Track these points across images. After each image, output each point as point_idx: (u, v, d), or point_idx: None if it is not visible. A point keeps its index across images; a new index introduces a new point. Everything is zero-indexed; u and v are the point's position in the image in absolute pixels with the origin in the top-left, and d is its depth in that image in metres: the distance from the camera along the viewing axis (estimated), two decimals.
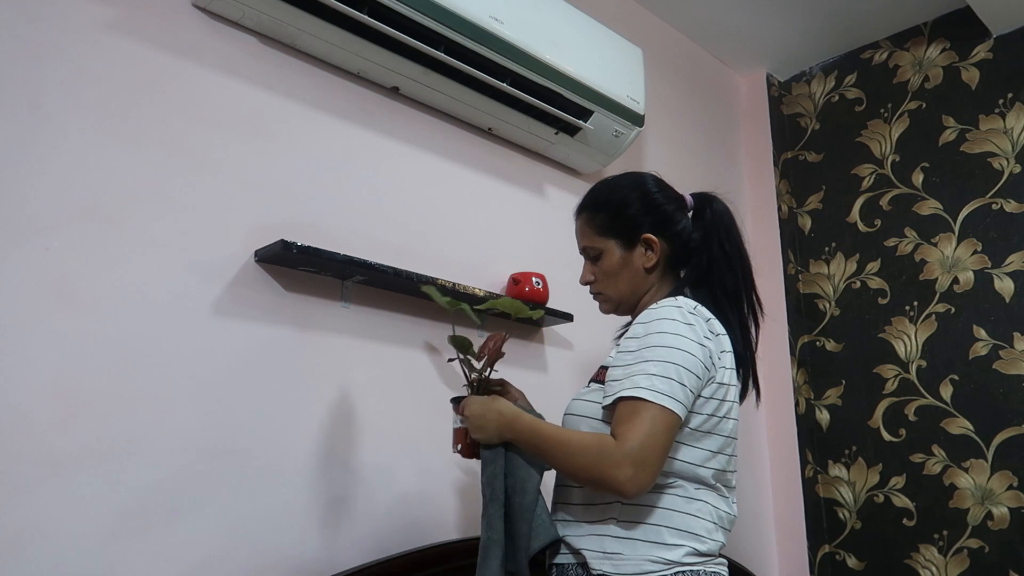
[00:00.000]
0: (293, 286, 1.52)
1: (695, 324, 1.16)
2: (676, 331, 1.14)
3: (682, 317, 1.16)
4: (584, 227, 1.34)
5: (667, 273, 1.32)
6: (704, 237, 1.30)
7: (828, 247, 2.76)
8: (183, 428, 1.33)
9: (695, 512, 1.16)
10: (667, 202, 1.31)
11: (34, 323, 1.20)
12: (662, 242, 1.29)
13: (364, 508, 1.53)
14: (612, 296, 1.32)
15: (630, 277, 1.30)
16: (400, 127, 1.78)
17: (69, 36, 1.32)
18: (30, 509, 1.15)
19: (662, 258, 1.29)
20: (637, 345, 1.15)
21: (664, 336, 1.13)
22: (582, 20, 1.99)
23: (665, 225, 1.30)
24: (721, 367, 1.19)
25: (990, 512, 2.28)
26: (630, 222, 1.29)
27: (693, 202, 1.34)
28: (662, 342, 1.13)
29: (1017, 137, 2.42)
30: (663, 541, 1.13)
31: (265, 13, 1.50)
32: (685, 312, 1.17)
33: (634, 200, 1.30)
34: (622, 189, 1.33)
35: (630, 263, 1.29)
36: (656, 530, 1.13)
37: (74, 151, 1.29)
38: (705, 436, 1.17)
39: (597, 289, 1.34)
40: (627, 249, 1.30)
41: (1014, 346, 2.32)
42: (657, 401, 1.08)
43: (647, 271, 1.30)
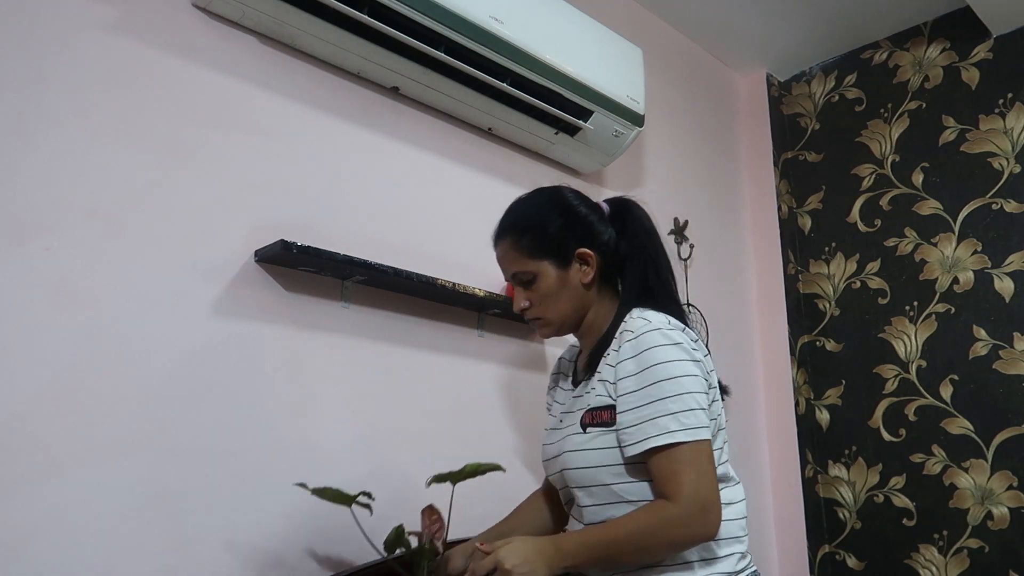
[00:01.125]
0: (293, 286, 1.52)
1: (682, 341, 1.14)
2: (672, 357, 1.12)
3: (667, 339, 1.13)
4: (509, 252, 1.27)
5: (603, 285, 1.28)
6: (631, 244, 1.27)
7: (828, 247, 2.76)
8: (183, 428, 1.33)
9: (730, 516, 1.17)
10: (590, 213, 1.28)
11: (34, 323, 1.20)
12: (596, 255, 1.25)
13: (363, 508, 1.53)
14: (553, 319, 1.26)
15: (570, 296, 1.25)
16: (400, 127, 1.78)
17: (69, 36, 1.32)
18: (29, 509, 1.15)
19: (597, 271, 1.26)
20: (637, 384, 1.12)
21: (664, 368, 1.11)
22: (582, 20, 1.99)
23: (593, 237, 1.26)
24: (712, 372, 1.20)
25: (990, 512, 2.28)
26: (559, 239, 1.24)
27: (610, 209, 1.31)
28: (665, 375, 1.10)
29: (1017, 137, 2.42)
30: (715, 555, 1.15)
31: (265, 13, 1.50)
32: (667, 332, 1.14)
33: (557, 215, 1.25)
34: (542, 206, 1.28)
35: (568, 281, 1.24)
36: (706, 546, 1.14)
37: (74, 151, 1.29)
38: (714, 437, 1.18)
39: (535, 314, 1.27)
40: (562, 267, 1.24)
41: (1014, 346, 2.32)
42: (692, 439, 1.07)
43: (586, 287, 1.25)
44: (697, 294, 2.48)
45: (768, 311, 2.75)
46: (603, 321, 1.27)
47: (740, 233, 2.82)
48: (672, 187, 2.55)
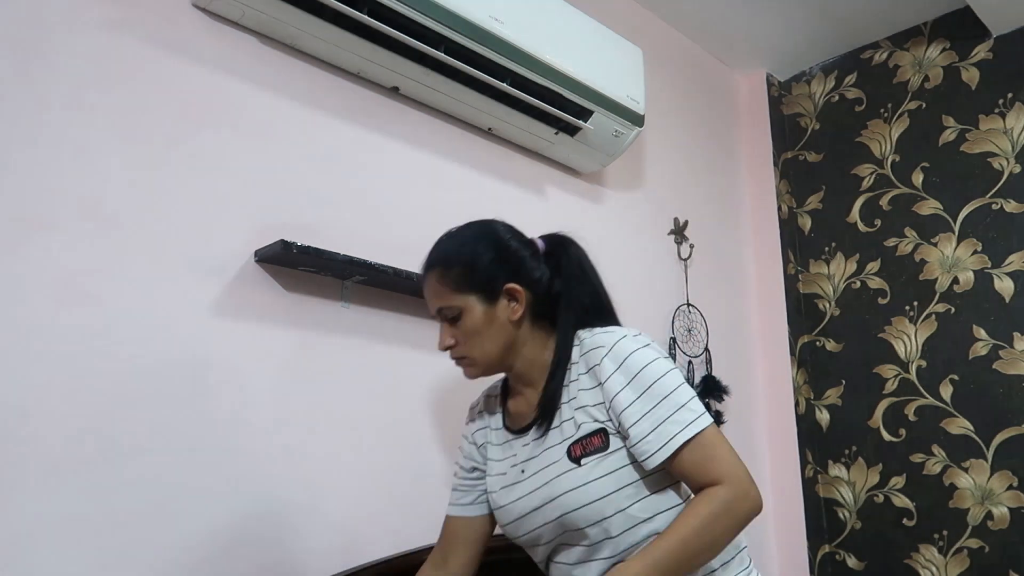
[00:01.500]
0: (293, 286, 1.52)
1: (651, 342, 1.14)
2: (653, 357, 1.11)
3: (639, 344, 1.12)
4: (436, 286, 1.20)
5: (536, 323, 1.21)
6: (566, 282, 1.22)
7: (828, 247, 2.76)
8: (183, 428, 1.33)
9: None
10: (521, 248, 1.22)
11: (34, 322, 1.20)
12: (526, 291, 1.19)
13: (363, 508, 1.53)
14: (479, 358, 1.18)
15: (497, 334, 1.17)
16: (400, 127, 1.78)
17: (70, 36, 1.32)
18: (29, 509, 1.15)
19: (527, 308, 1.19)
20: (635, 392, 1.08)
21: (653, 368, 1.09)
22: (582, 20, 1.99)
23: (524, 272, 1.20)
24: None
25: (990, 512, 2.28)
26: (488, 273, 1.18)
27: (545, 245, 1.26)
28: (659, 373, 1.09)
29: (1017, 137, 2.42)
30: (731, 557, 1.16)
31: (265, 13, 1.50)
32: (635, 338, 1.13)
33: (487, 249, 1.20)
34: (473, 239, 1.22)
35: (495, 319, 1.17)
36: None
37: (74, 151, 1.29)
38: None
39: (460, 353, 1.19)
40: (490, 304, 1.17)
41: (1014, 346, 2.32)
42: (709, 422, 1.08)
43: (515, 324, 1.18)
44: (697, 294, 2.48)
45: (768, 311, 2.75)
46: (540, 358, 1.20)
47: (740, 233, 2.82)
48: (672, 187, 2.55)
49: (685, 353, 2.35)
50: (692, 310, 2.44)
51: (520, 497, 1.17)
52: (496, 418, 1.30)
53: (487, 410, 1.33)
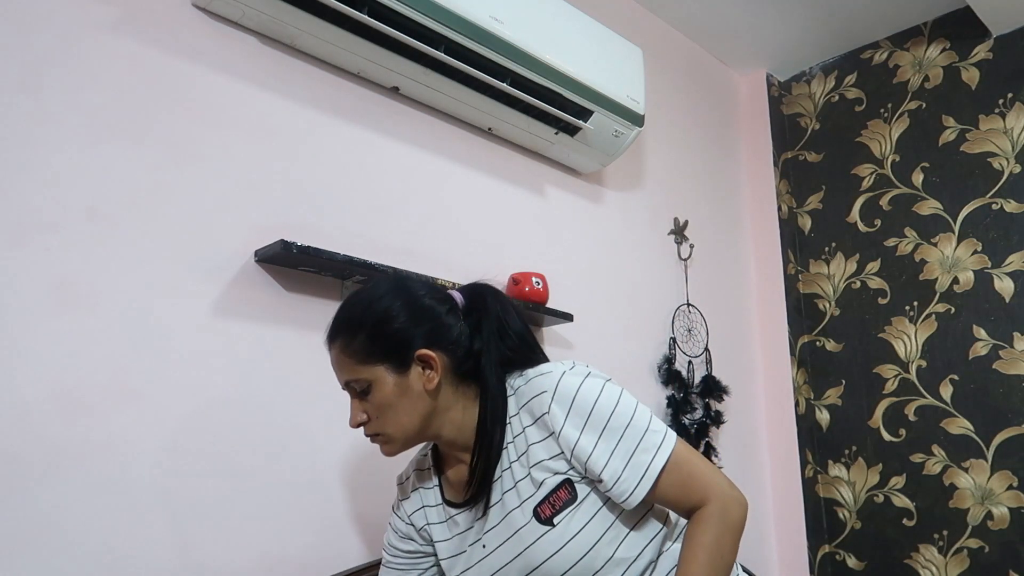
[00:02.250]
0: (293, 286, 1.52)
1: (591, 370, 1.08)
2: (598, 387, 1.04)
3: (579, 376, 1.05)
4: (340, 356, 1.08)
5: (459, 386, 1.10)
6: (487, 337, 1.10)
7: (828, 247, 2.76)
8: (182, 428, 1.33)
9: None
10: (436, 305, 1.10)
11: (34, 323, 1.20)
12: (440, 355, 1.07)
13: (364, 508, 1.53)
14: (395, 433, 1.08)
15: (411, 405, 1.06)
16: (400, 127, 1.78)
17: (69, 36, 1.32)
18: (29, 509, 1.15)
19: (444, 373, 1.08)
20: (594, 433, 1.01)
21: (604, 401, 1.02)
22: (582, 20, 1.99)
23: (440, 334, 1.08)
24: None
25: (990, 512, 2.28)
26: (398, 338, 1.06)
27: (463, 299, 1.14)
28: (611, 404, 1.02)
29: (1017, 137, 2.42)
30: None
31: (265, 13, 1.50)
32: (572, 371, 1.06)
33: (399, 310, 1.07)
34: (382, 299, 1.08)
35: (408, 388, 1.06)
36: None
37: (74, 151, 1.29)
38: None
39: (374, 429, 1.09)
40: (400, 373, 1.06)
41: (1014, 346, 2.32)
42: (674, 439, 1.03)
43: (430, 394, 1.07)
44: (697, 294, 2.48)
45: (768, 311, 2.75)
46: (471, 421, 1.10)
47: (740, 233, 2.82)
48: (672, 187, 2.55)
49: (685, 353, 2.35)
50: (692, 310, 2.44)
51: (492, 574, 1.08)
52: (432, 493, 1.20)
53: (421, 485, 1.22)
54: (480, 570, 1.09)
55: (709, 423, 2.29)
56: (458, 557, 1.14)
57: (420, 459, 1.25)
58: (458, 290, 1.16)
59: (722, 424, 2.35)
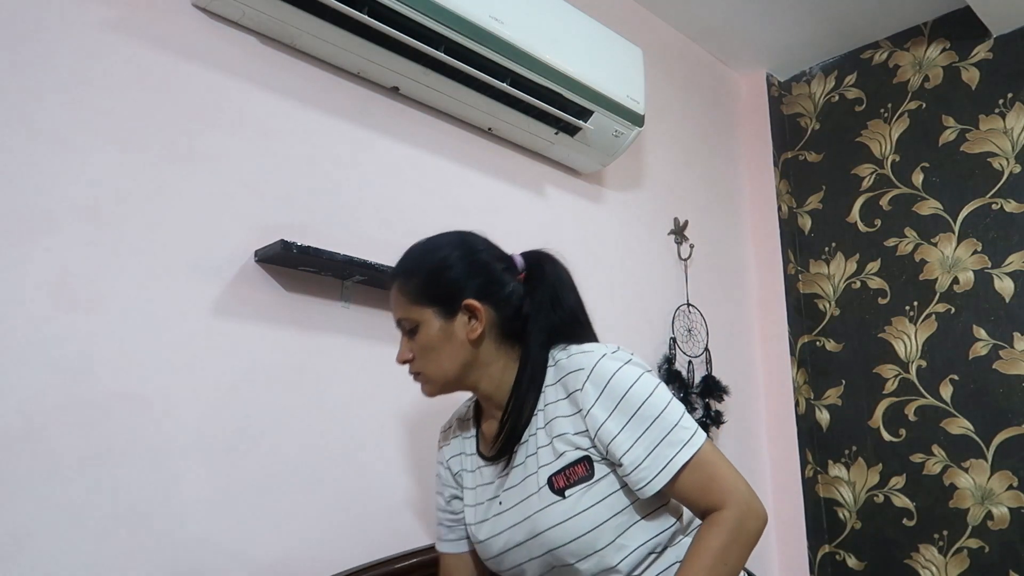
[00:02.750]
0: (293, 286, 1.52)
1: (632, 358, 1.08)
2: (636, 376, 1.04)
3: (620, 361, 1.06)
4: (397, 295, 1.15)
5: (502, 344, 1.14)
6: (538, 301, 1.14)
7: (828, 247, 2.76)
8: (182, 428, 1.33)
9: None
10: (493, 262, 1.15)
11: (34, 323, 1.20)
12: (488, 309, 1.11)
13: (364, 508, 1.53)
14: (433, 376, 1.13)
15: (453, 352, 1.11)
16: (400, 127, 1.78)
17: (69, 36, 1.32)
18: (29, 509, 1.15)
19: (490, 327, 1.12)
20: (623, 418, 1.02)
21: (639, 388, 1.03)
22: (582, 20, 1.99)
23: (491, 289, 1.12)
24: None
25: (990, 512, 2.28)
26: (450, 287, 1.11)
27: (523, 262, 1.18)
28: (645, 393, 1.03)
29: (1017, 137, 2.42)
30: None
31: (265, 13, 1.50)
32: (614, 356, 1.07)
33: (455, 261, 1.13)
34: (441, 249, 1.15)
35: (452, 335, 1.11)
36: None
37: (74, 151, 1.29)
38: None
39: (415, 368, 1.15)
40: (447, 319, 1.11)
41: (1014, 346, 2.32)
42: (703, 439, 1.02)
43: (473, 343, 1.11)
44: (697, 294, 2.48)
45: (768, 311, 2.75)
46: (508, 380, 1.13)
47: (740, 233, 2.82)
48: (672, 187, 2.55)
49: (685, 353, 2.35)
50: (692, 310, 2.44)
51: (501, 531, 1.11)
52: (470, 442, 1.24)
53: (461, 433, 1.27)
54: (493, 525, 1.13)
55: (709, 423, 2.29)
56: (478, 507, 1.18)
57: (463, 409, 1.30)
58: (521, 254, 1.20)
59: (722, 424, 2.35)
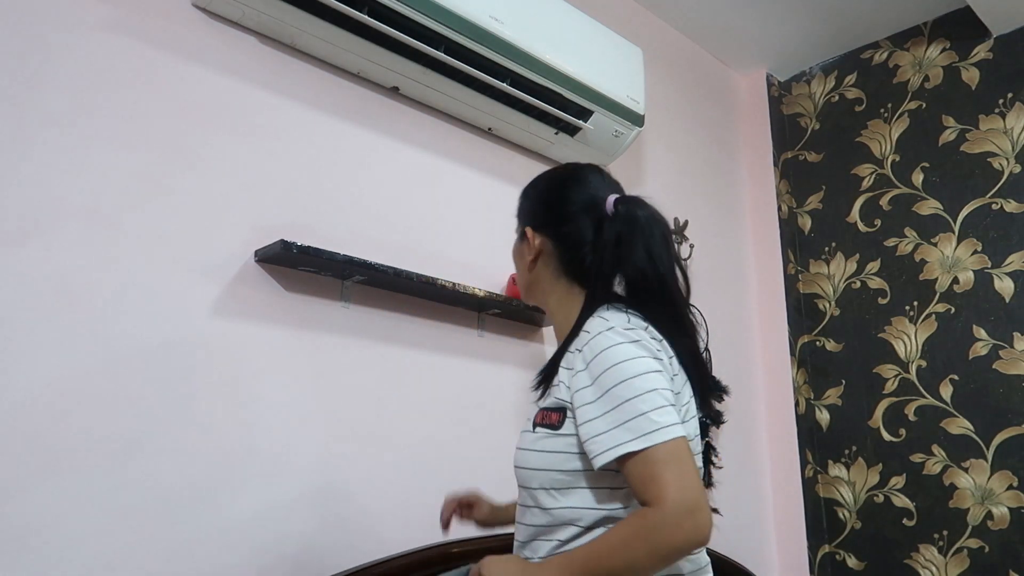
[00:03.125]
0: (293, 286, 1.52)
1: (640, 339, 1.04)
2: (631, 355, 1.02)
3: (624, 337, 1.03)
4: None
5: (561, 278, 1.17)
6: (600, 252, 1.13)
7: (828, 247, 2.76)
8: (182, 428, 1.33)
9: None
10: (571, 202, 1.17)
11: (34, 323, 1.20)
12: (545, 240, 1.17)
13: (364, 508, 1.53)
14: (518, 282, 1.26)
15: (521, 268, 1.23)
16: (400, 127, 1.78)
17: (69, 36, 1.32)
18: (29, 508, 1.15)
19: (549, 258, 1.17)
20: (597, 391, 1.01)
21: (625, 367, 1.01)
22: (582, 20, 1.99)
23: (552, 223, 1.17)
24: (675, 375, 1.09)
25: (990, 512, 2.28)
26: (522, 212, 1.25)
27: (615, 210, 1.14)
28: (629, 373, 1.01)
29: (1017, 137, 2.42)
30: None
31: (265, 13, 1.50)
32: (622, 331, 1.04)
33: (540, 191, 1.23)
34: (546, 179, 1.25)
35: (522, 253, 1.22)
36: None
37: (74, 151, 1.29)
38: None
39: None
40: (521, 238, 1.23)
41: (1014, 346, 2.32)
42: (667, 437, 0.96)
43: (529, 266, 1.20)
44: (697, 294, 2.47)
45: (768, 311, 2.75)
46: (567, 319, 1.16)
47: (740, 233, 2.82)
48: (672, 187, 2.55)
49: None
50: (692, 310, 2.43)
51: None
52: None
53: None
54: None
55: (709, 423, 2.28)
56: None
57: None
58: (616, 199, 1.15)
59: (722, 424, 2.34)
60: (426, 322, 1.72)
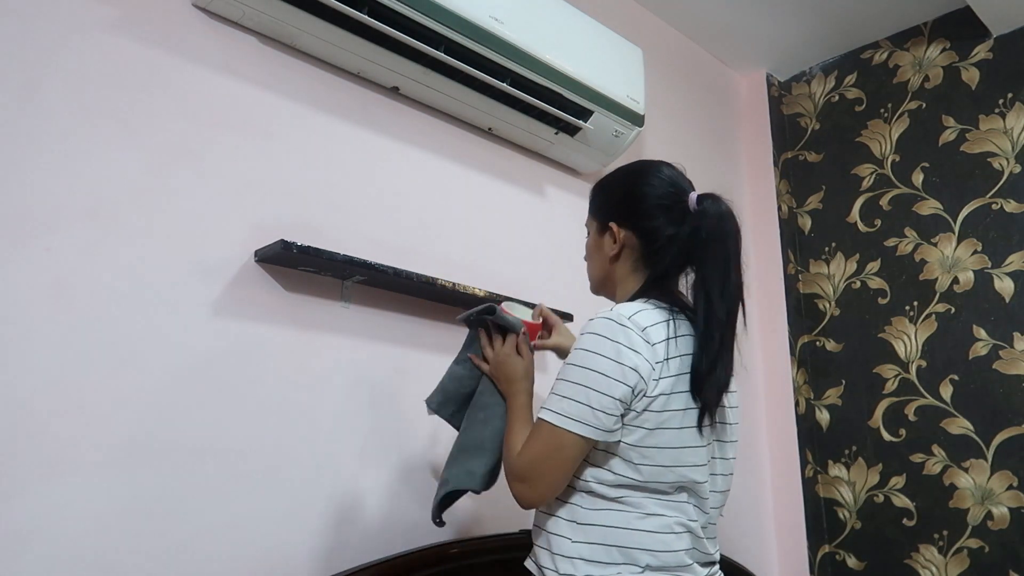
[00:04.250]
0: (293, 286, 1.52)
1: (621, 341, 1.08)
2: (598, 348, 1.09)
3: (610, 333, 1.09)
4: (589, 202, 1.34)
5: (637, 270, 1.23)
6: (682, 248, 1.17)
7: (828, 247, 2.76)
8: (182, 428, 1.33)
9: (649, 528, 1.10)
10: (653, 197, 1.20)
11: (34, 323, 1.20)
12: (629, 234, 1.22)
13: (363, 508, 1.53)
14: (591, 276, 1.31)
15: (599, 262, 1.27)
16: (400, 127, 1.78)
17: (69, 36, 1.32)
18: (29, 508, 1.15)
19: (631, 252, 1.22)
20: (565, 363, 1.13)
21: (586, 356, 1.09)
22: (582, 20, 1.99)
23: (635, 218, 1.21)
24: (660, 378, 1.09)
25: (990, 512, 2.28)
26: (606, 205, 1.28)
27: (696, 207, 1.18)
28: (580, 362, 1.10)
29: (1017, 137, 2.42)
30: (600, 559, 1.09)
31: (265, 13, 1.50)
32: (615, 325, 1.09)
33: (620, 186, 1.26)
34: (623, 174, 1.28)
35: (600, 248, 1.26)
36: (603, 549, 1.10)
37: (74, 151, 1.29)
38: (651, 450, 1.10)
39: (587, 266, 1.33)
40: (599, 233, 1.27)
41: (1014, 346, 2.32)
42: (559, 424, 1.08)
43: (611, 260, 1.24)
44: None
45: (768, 311, 2.75)
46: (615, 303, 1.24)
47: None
48: None
49: None
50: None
51: None
52: None
53: None
54: None
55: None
56: None
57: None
58: (699, 196, 1.19)
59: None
60: (426, 322, 1.72)
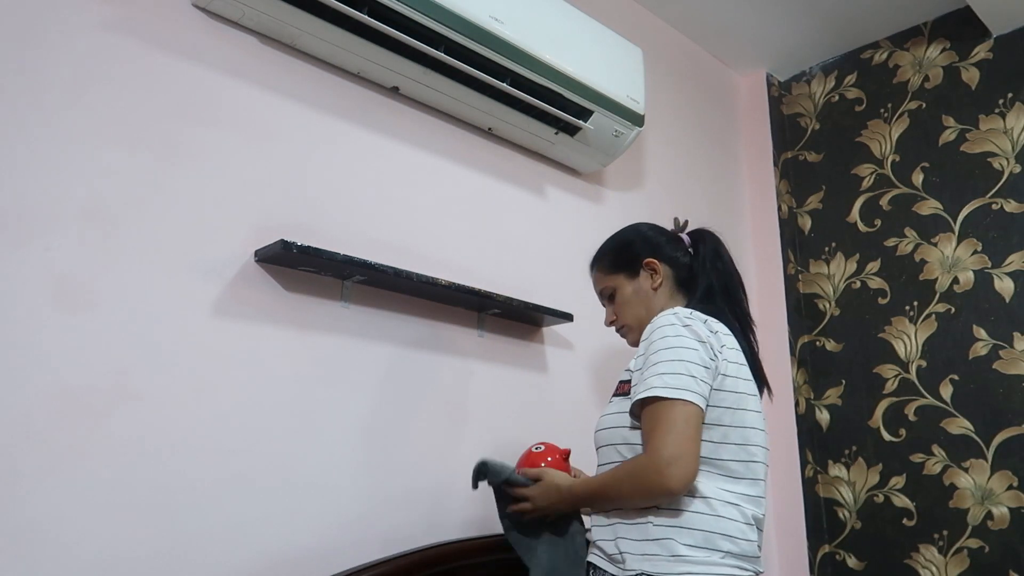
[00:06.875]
0: (293, 286, 1.52)
1: (691, 324, 1.26)
2: (676, 333, 1.25)
3: (678, 321, 1.26)
4: (597, 274, 1.50)
5: (677, 292, 1.44)
6: (701, 264, 1.44)
7: (828, 247, 2.76)
8: (182, 428, 1.33)
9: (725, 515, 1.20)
10: (661, 235, 1.49)
11: (34, 323, 1.20)
12: (663, 265, 1.44)
13: (363, 508, 1.53)
14: (632, 323, 1.44)
15: (642, 300, 1.43)
16: (400, 127, 1.78)
17: (69, 36, 1.32)
18: (29, 509, 1.15)
19: (667, 278, 1.44)
20: (645, 358, 1.25)
21: (666, 339, 1.24)
22: (582, 20, 1.99)
23: (661, 251, 1.45)
24: (724, 360, 1.26)
25: (990, 512, 2.28)
26: (632, 255, 1.46)
27: (689, 239, 1.48)
28: (665, 345, 1.24)
29: (1017, 137, 2.42)
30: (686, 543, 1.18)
31: (265, 13, 1.50)
32: (681, 317, 1.27)
33: (634, 239, 1.48)
34: (623, 234, 1.51)
35: (640, 288, 1.44)
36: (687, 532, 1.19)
37: (74, 151, 1.29)
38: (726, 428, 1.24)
39: (620, 324, 1.47)
40: (633, 277, 1.44)
41: (1014, 346, 2.32)
42: (673, 396, 1.18)
43: (655, 290, 1.43)
44: None
45: (768, 311, 2.75)
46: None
47: (740, 233, 2.82)
48: (672, 187, 2.55)
49: None
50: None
51: None
52: None
53: None
54: None
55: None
56: None
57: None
58: (686, 234, 1.51)
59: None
60: (426, 322, 1.72)
